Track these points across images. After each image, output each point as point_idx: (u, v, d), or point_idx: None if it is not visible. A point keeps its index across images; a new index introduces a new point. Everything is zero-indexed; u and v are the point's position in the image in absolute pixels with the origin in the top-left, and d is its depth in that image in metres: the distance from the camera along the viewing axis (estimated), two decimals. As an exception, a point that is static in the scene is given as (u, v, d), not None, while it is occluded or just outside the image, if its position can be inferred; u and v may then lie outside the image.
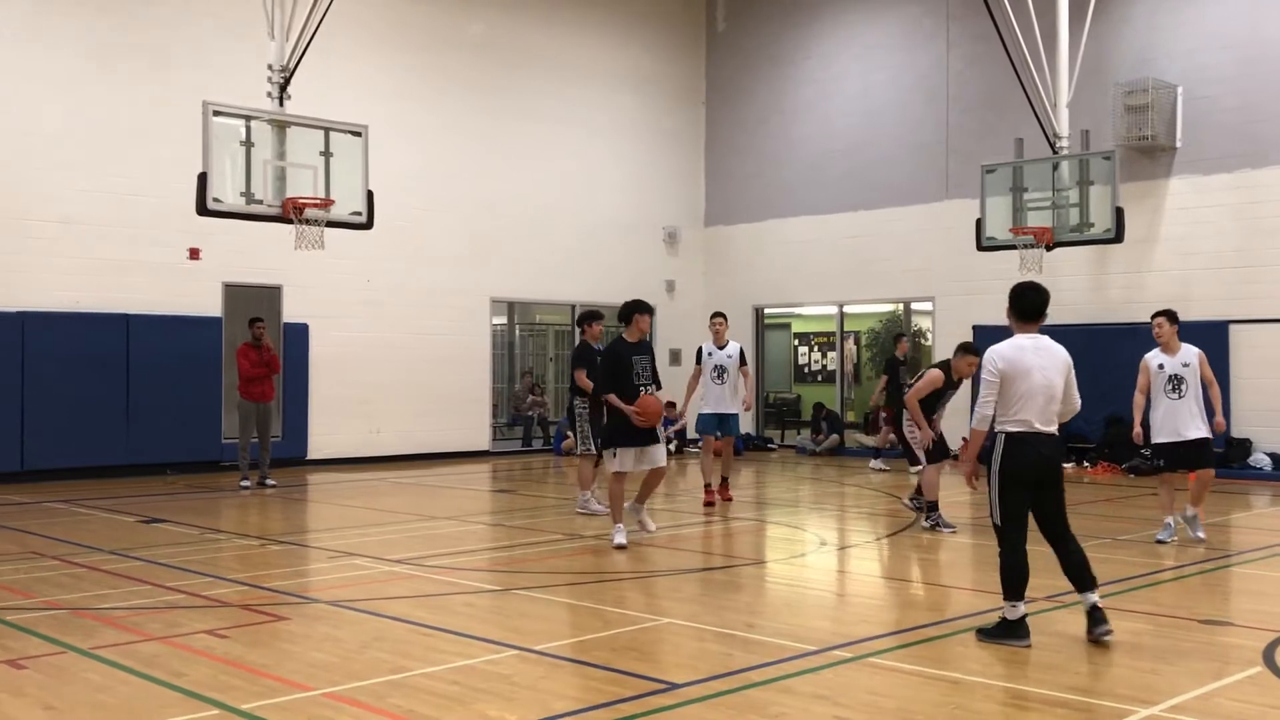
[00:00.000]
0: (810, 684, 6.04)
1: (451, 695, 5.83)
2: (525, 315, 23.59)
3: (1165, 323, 10.77)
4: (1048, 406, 6.85)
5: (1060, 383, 6.90)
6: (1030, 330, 7.02)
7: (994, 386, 6.86)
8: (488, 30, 20.99)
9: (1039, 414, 6.83)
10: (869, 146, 21.62)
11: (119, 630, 7.25)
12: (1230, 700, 5.74)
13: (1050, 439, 6.87)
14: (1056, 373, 6.90)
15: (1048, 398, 6.85)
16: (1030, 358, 6.87)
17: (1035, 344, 6.95)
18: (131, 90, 16.96)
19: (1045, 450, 6.83)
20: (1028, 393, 6.81)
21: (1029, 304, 7.01)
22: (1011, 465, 6.83)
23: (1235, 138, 17.33)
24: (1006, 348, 6.94)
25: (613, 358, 10.36)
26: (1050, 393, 6.86)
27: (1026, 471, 6.82)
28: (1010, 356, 6.88)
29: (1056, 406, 6.91)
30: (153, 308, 17.03)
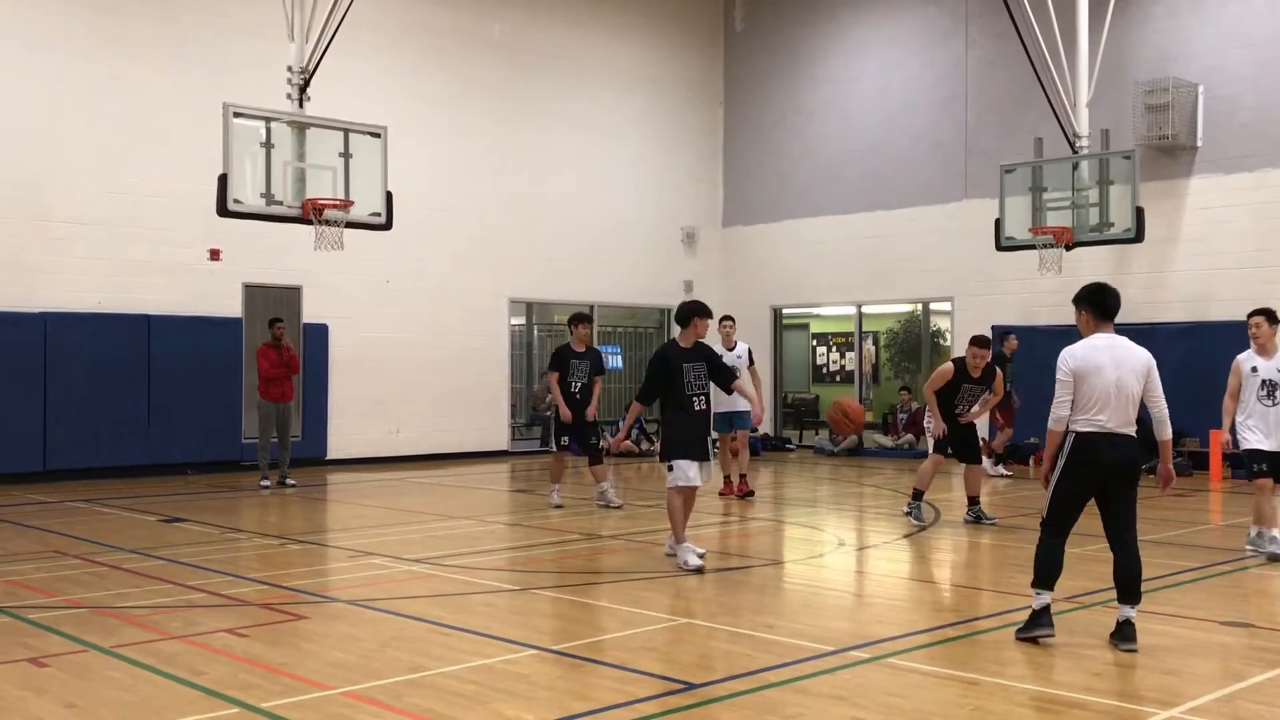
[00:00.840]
0: (828, 685, 6.04)
1: (469, 695, 5.84)
2: (543, 315, 23.60)
3: (1264, 322, 9.90)
4: (1122, 407, 6.71)
5: (1136, 384, 6.74)
6: (1106, 330, 6.90)
7: (1067, 386, 6.76)
8: (507, 31, 21.02)
9: (1111, 414, 6.70)
10: (887, 146, 21.58)
11: (140, 629, 7.29)
12: (1251, 703, 5.71)
13: (1122, 440, 6.71)
14: (1132, 373, 6.74)
15: (1122, 399, 6.70)
16: (1103, 356, 6.75)
17: (1110, 343, 6.83)
18: (152, 92, 17.05)
19: (1112, 453, 6.70)
20: (1099, 392, 6.69)
21: (1104, 304, 6.90)
22: (1074, 465, 6.77)
23: (1256, 137, 17.22)
24: (1080, 347, 6.86)
25: (661, 363, 9.57)
26: (1124, 393, 6.70)
27: (1089, 473, 6.75)
28: (1082, 355, 6.79)
29: (1132, 408, 6.76)
30: (173, 308, 17.12)
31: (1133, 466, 6.79)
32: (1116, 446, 6.70)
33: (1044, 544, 6.94)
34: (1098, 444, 6.70)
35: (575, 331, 13.40)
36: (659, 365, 9.53)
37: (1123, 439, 6.72)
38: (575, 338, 13.39)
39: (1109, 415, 6.70)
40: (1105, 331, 6.89)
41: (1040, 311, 19.30)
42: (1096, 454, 6.70)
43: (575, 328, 13.41)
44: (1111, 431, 6.70)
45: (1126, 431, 6.75)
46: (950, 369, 11.85)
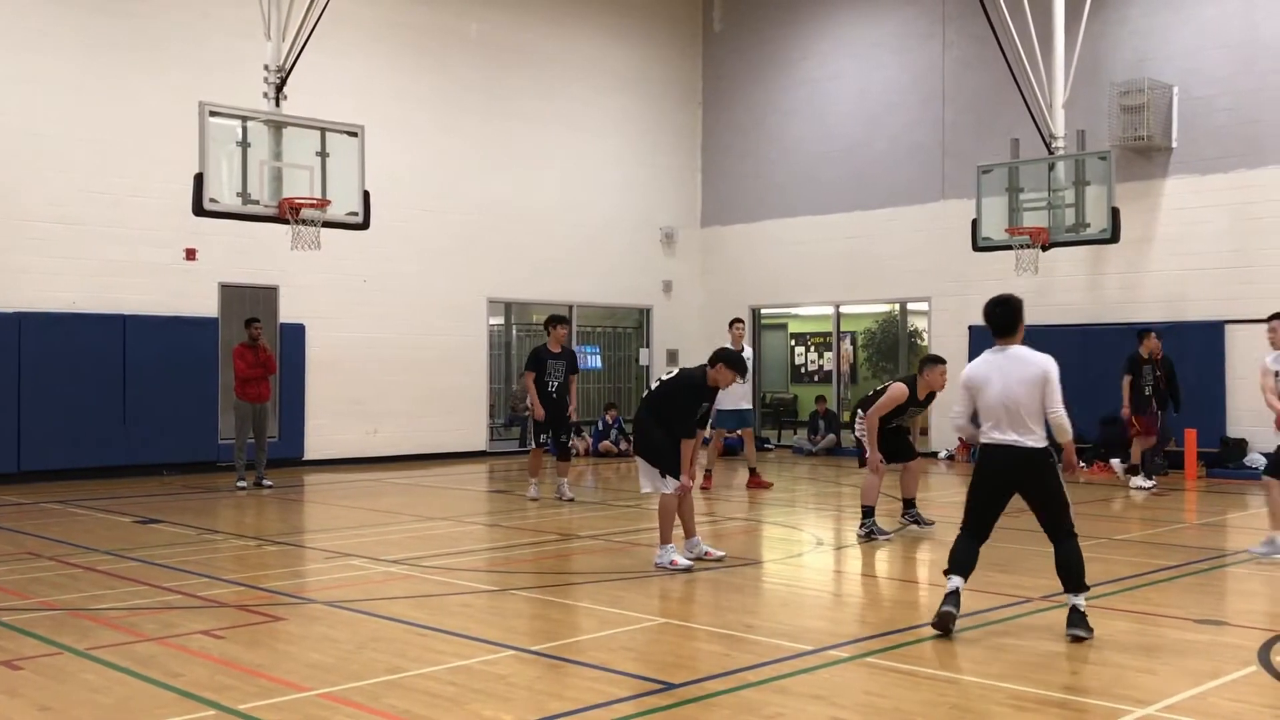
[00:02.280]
0: (807, 684, 6.05)
1: (448, 696, 5.83)
2: (522, 315, 23.57)
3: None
4: (1011, 418, 6.98)
5: (1026, 394, 6.95)
6: (1004, 344, 7.15)
7: (962, 397, 7.21)
8: (485, 30, 20.98)
9: (1001, 425, 7.01)
10: (865, 147, 21.64)
11: (115, 631, 7.24)
12: (1225, 700, 5.75)
13: (1014, 450, 6.99)
14: (1021, 384, 6.96)
15: (1011, 411, 6.96)
16: (991, 371, 7.06)
17: (1002, 357, 7.10)
18: (128, 91, 16.95)
19: (1003, 463, 7.05)
20: (988, 405, 7.05)
21: (997, 320, 7.20)
22: (977, 473, 7.25)
23: (1231, 138, 17.35)
24: (975, 362, 7.27)
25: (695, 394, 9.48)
26: (1013, 405, 6.96)
27: (988, 480, 7.18)
28: (971, 370, 7.21)
29: (1029, 418, 6.99)
30: (149, 308, 17.02)
31: (1029, 471, 7.04)
32: (1007, 456, 7.01)
33: (959, 540, 7.31)
34: (992, 454, 7.10)
35: (553, 333, 13.79)
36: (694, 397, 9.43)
37: (1014, 449, 6.99)
38: (552, 339, 13.79)
39: (999, 426, 7.02)
40: (1003, 346, 7.14)
41: (1017, 311, 19.37)
42: (991, 463, 7.12)
43: (553, 329, 13.81)
44: (1001, 442, 7.01)
45: (1020, 442, 6.99)
46: (904, 391, 10.99)
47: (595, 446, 20.86)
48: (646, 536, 11.47)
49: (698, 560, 9.50)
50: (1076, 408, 20.90)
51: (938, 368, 11.03)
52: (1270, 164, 16.99)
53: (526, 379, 13.88)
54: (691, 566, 9.30)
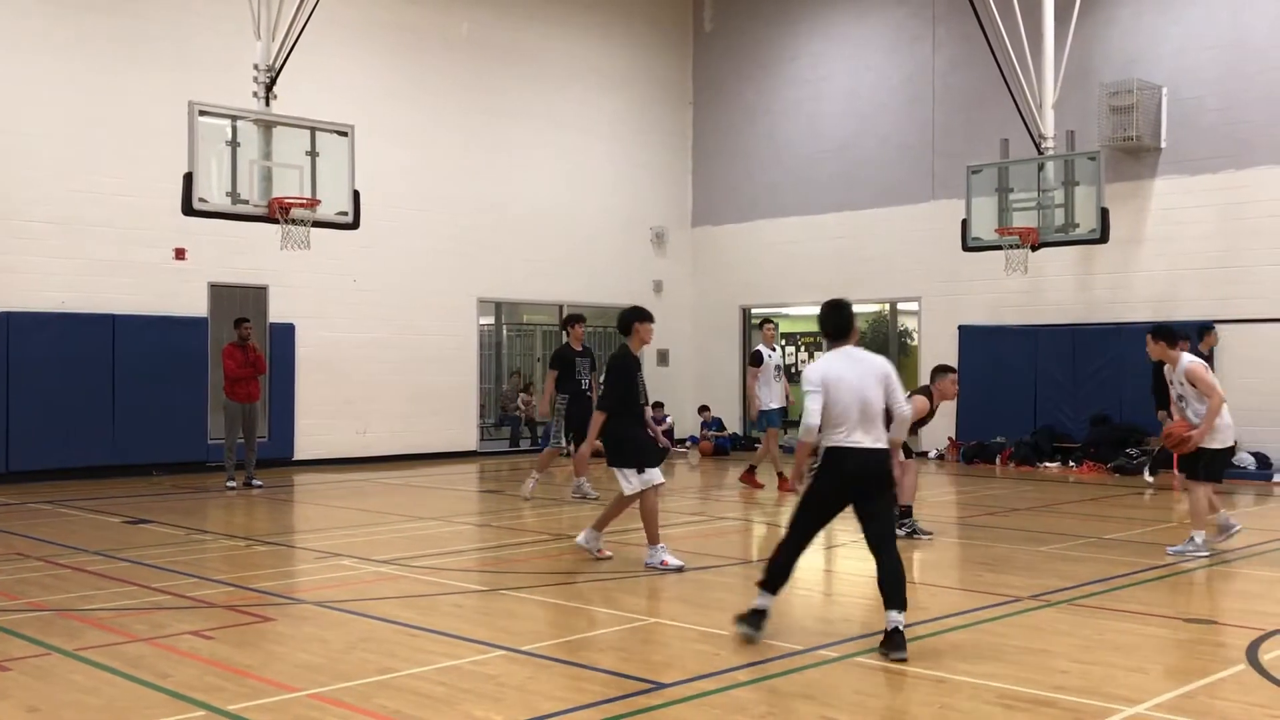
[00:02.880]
0: (797, 684, 6.05)
1: (438, 696, 5.82)
2: (512, 315, 23.56)
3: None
4: (867, 420, 6.80)
5: (874, 393, 6.84)
6: (841, 345, 7.02)
7: (816, 398, 6.80)
8: (475, 30, 20.96)
9: (854, 427, 6.78)
10: (856, 147, 21.67)
11: (104, 631, 7.22)
12: (1215, 699, 5.77)
13: (869, 453, 6.80)
14: (872, 383, 6.86)
15: (868, 411, 6.81)
16: (846, 369, 6.87)
17: (848, 358, 6.96)
18: (117, 90, 16.89)
19: (858, 467, 6.79)
20: (842, 405, 6.78)
21: (833, 324, 7.06)
22: (822, 477, 6.89)
23: (1220, 138, 17.41)
24: (823, 360, 7.01)
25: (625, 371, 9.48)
26: (869, 405, 6.81)
27: (836, 485, 6.85)
28: (824, 368, 6.90)
29: (880, 420, 6.87)
30: (138, 308, 16.97)
31: (878, 475, 6.85)
32: (863, 460, 6.78)
33: (780, 546, 7.05)
34: (847, 458, 6.78)
35: (572, 331, 13.92)
36: (624, 373, 9.45)
37: (870, 452, 6.80)
38: (573, 337, 13.90)
39: (855, 429, 6.78)
40: (841, 347, 7.01)
41: (1007, 312, 19.44)
42: (843, 467, 6.79)
43: (573, 328, 13.92)
44: (857, 446, 6.77)
45: (875, 444, 6.82)
46: (926, 403, 11.06)
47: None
48: (637, 537, 11.47)
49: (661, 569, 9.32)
50: (1066, 408, 21.04)
51: (949, 376, 11.15)
52: (1258, 164, 17.05)
53: (549, 378, 13.89)
54: (684, 566, 9.29)
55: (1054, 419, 18.72)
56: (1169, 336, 10.13)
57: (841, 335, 7.02)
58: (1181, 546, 10.02)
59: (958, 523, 12.15)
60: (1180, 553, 9.93)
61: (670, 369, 23.39)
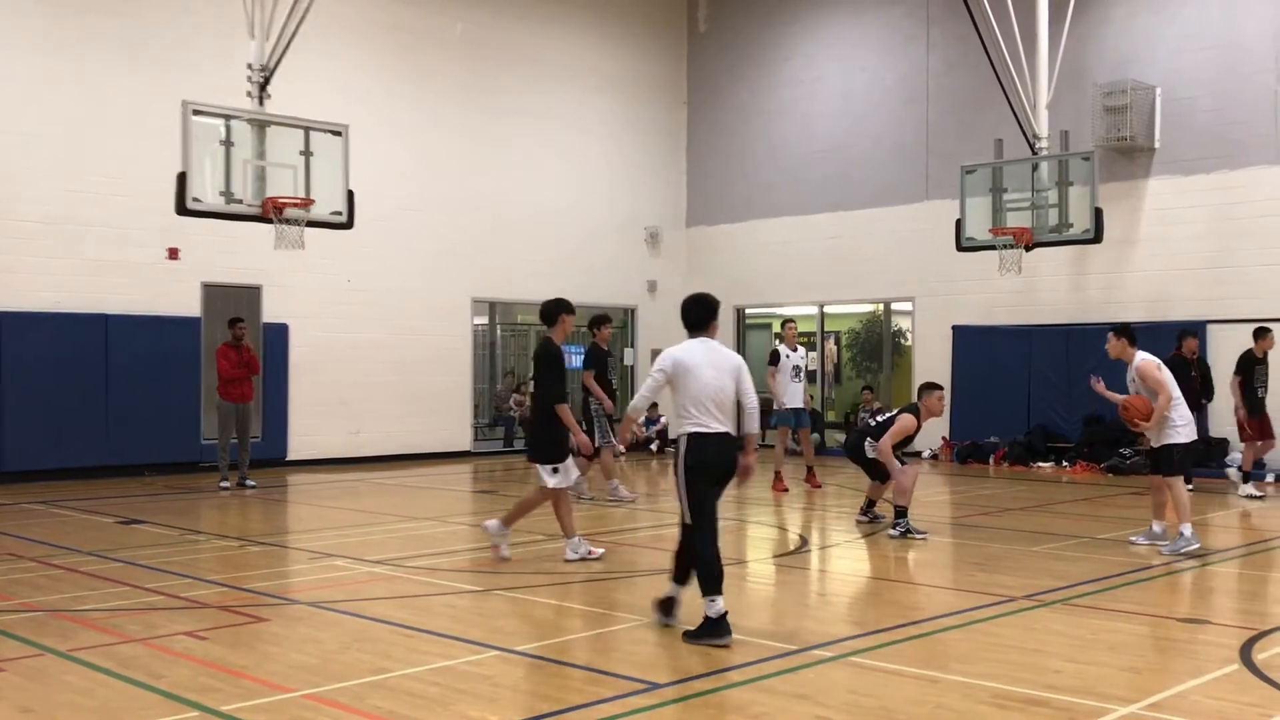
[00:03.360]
0: (791, 683, 6.06)
1: (432, 696, 5.82)
2: (507, 315, 23.55)
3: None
4: (722, 408, 7.16)
5: (730, 384, 7.20)
6: (699, 335, 7.37)
7: (658, 381, 7.26)
8: (469, 30, 20.94)
9: (712, 413, 7.12)
10: (850, 147, 21.68)
11: (97, 632, 7.21)
12: (1208, 698, 5.78)
13: (725, 438, 7.15)
14: (726, 374, 7.20)
15: (722, 400, 7.16)
16: (702, 358, 7.22)
17: (707, 348, 7.30)
18: (111, 89, 16.87)
19: (718, 454, 7.12)
20: (700, 392, 7.11)
21: (695, 315, 7.42)
22: (697, 462, 7.10)
23: (1213, 139, 17.44)
24: (679, 348, 7.33)
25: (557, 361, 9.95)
26: (724, 395, 7.17)
27: (710, 469, 7.13)
28: (679, 355, 7.25)
29: (728, 407, 7.18)
30: (132, 308, 16.94)
31: (733, 461, 7.21)
32: (722, 446, 7.15)
33: (701, 548, 7.08)
34: (705, 442, 7.09)
35: (600, 332, 14.17)
36: (556, 363, 9.86)
37: (728, 439, 7.18)
38: (600, 338, 14.17)
39: (710, 415, 7.13)
40: (700, 338, 7.37)
41: (1000, 312, 19.47)
42: (707, 454, 7.09)
43: (601, 329, 14.18)
44: (717, 431, 7.13)
45: (726, 430, 7.16)
46: (913, 422, 11.28)
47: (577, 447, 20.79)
48: (631, 537, 11.50)
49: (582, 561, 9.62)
50: (1060, 408, 21.05)
51: (935, 393, 11.39)
52: (1252, 164, 17.08)
53: (586, 377, 13.98)
54: (604, 553, 9.66)
55: (1047, 419, 18.74)
56: (1129, 335, 10.60)
57: (701, 326, 7.42)
58: (1174, 545, 10.05)
59: (951, 522, 12.16)
60: (1175, 550, 9.95)
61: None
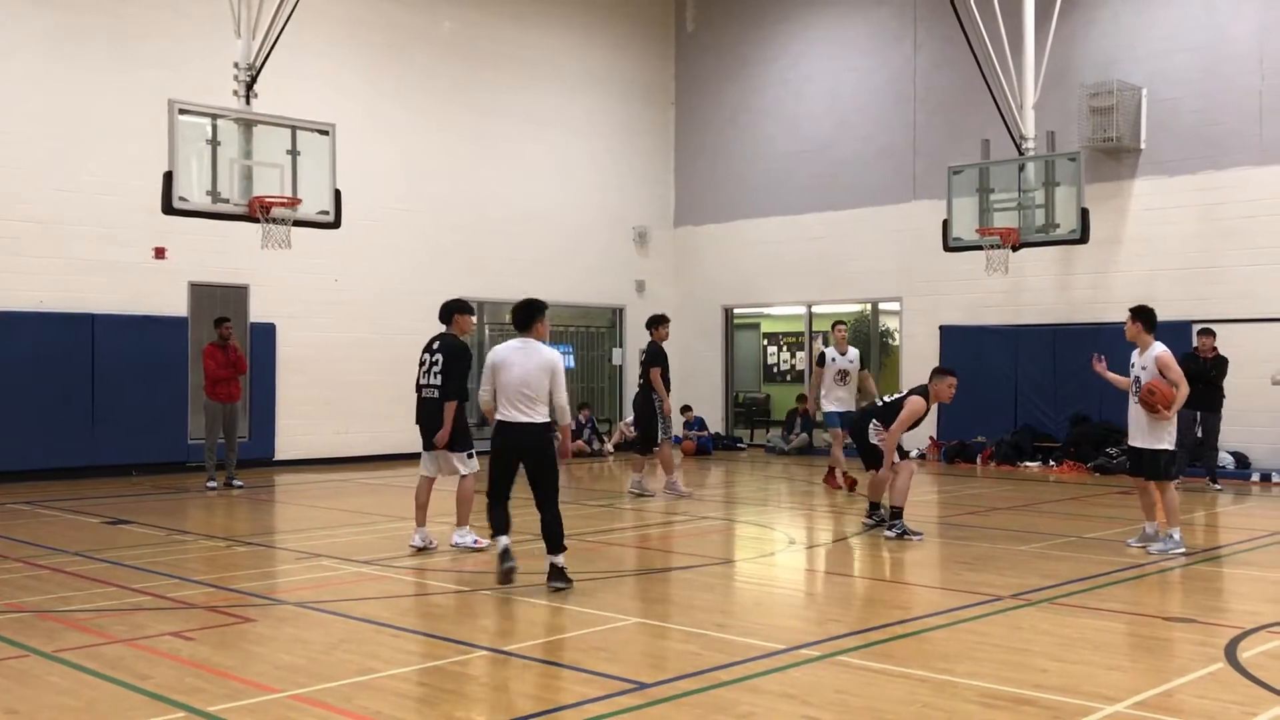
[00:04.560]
0: (778, 683, 6.06)
1: (419, 696, 5.81)
2: (494, 315, 23.50)
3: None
4: (524, 400, 8.23)
5: (536, 379, 8.25)
6: (524, 336, 8.46)
7: (487, 376, 8.40)
8: (457, 29, 20.92)
9: (516, 404, 8.23)
10: (837, 147, 21.71)
11: (83, 633, 7.18)
12: (1193, 696, 5.80)
13: (524, 427, 8.23)
14: (538, 370, 8.26)
15: (526, 392, 8.23)
16: (513, 356, 8.34)
17: (524, 347, 8.41)
18: (97, 89, 16.80)
19: (514, 438, 8.26)
20: (507, 385, 8.25)
21: (518, 317, 8.57)
22: (495, 447, 8.39)
23: (1198, 139, 17.50)
24: (498, 348, 8.53)
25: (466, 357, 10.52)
26: (529, 387, 8.23)
27: (502, 452, 8.33)
28: (497, 353, 8.45)
29: (535, 400, 8.24)
30: (118, 308, 16.88)
31: (536, 448, 8.25)
32: (518, 432, 8.25)
33: (489, 508, 8.47)
34: (505, 430, 8.29)
35: (658, 331, 14.47)
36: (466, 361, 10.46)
37: (524, 426, 8.24)
38: (658, 335, 14.43)
39: (512, 406, 8.23)
40: (524, 339, 8.47)
41: (988, 311, 19.51)
42: (504, 438, 8.31)
43: (659, 328, 14.48)
44: (515, 420, 8.24)
45: (529, 419, 8.23)
46: (922, 404, 11.14)
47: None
48: (619, 536, 11.50)
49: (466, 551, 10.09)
50: (1047, 407, 21.10)
51: (947, 379, 11.22)
52: (1236, 165, 17.16)
53: (654, 375, 14.11)
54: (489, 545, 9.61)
55: (1034, 419, 18.79)
56: (1145, 319, 10.76)
57: (523, 327, 8.51)
58: (1162, 544, 10.10)
59: (939, 522, 12.19)
60: (1162, 551, 10.01)
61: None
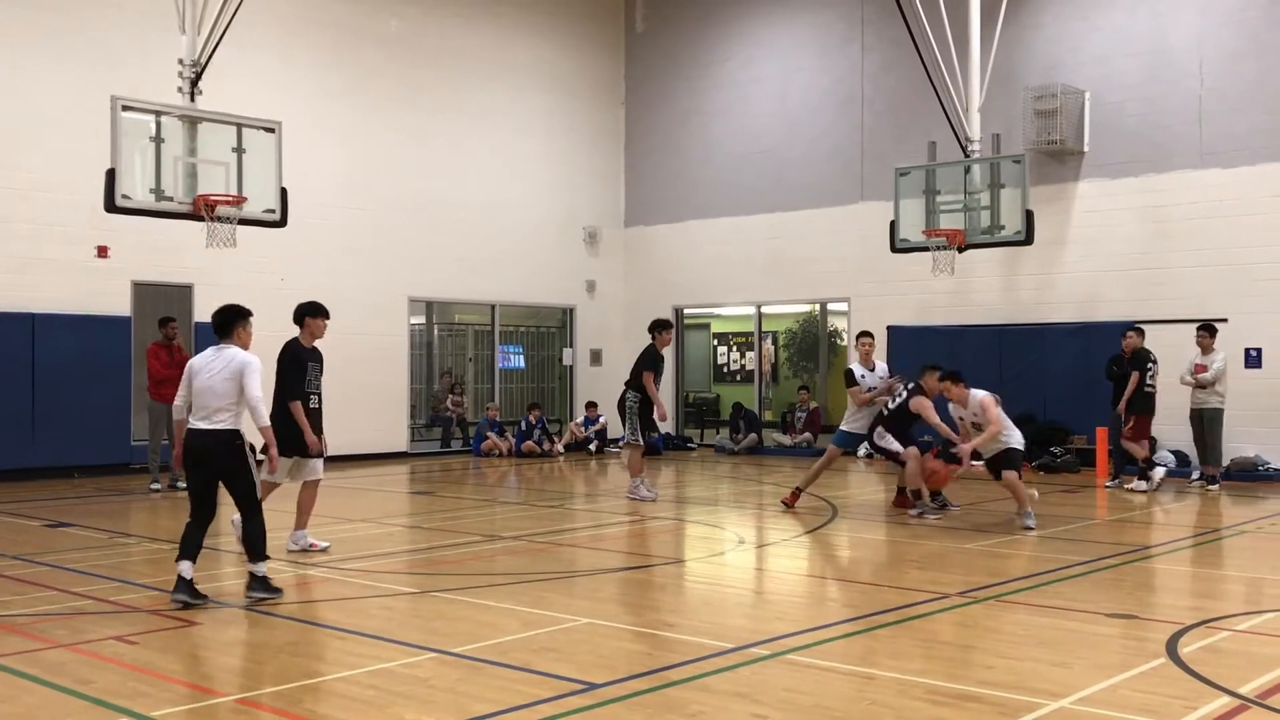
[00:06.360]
0: (728, 682, 6.08)
1: (368, 699, 5.77)
2: (444, 315, 23.41)
3: None
4: (211, 405, 8.02)
5: (222, 383, 8.04)
6: (222, 342, 8.28)
7: (183, 385, 8.18)
8: (404, 26, 20.80)
9: (204, 412, 8.04)
10: (786, 148, 21.82)
11: (23, 638, 7.06)
12: (1135, 692, 5.89)
13: (207, 434, 8.00)
14: (222, 377, 8.05)
15: (207, 399, 8.03)
16: (204, 363, 8.18)
17: (216, 353, 8.20)
18: (38, 83, 16.53)
19: (199, 443, 8.02)
20: (198, 392, 8.07)
21: (214, 323, 8.39)
22: (187, 460, 8.15)
23: (1140, 142, 17.78)
24: (198, 355, 8.32)
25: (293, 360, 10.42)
26: (213, 394, 8.03)
27: (189, 458, 8.10)
28: (193, 362, 8.25)
29: (221, 407, 8.02)
30: (60, 307, 16.61)
31: (221, 452, 8.01)
32: (203, 438, 8.01)
33: (188, 525, 8.14)
34: (190, 437, 8.07)
35: (662, 337, 14.02)
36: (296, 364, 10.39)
37: (205, 433, 8.01)
38: (660, 342, 14.02)
39: (198, 413, 8.06)
40: (221, 345, 8.28)
41: (935, 312, 19.69)
42: (195, 449, 8.05)
43: (662, 334, 14.03)
44: (202, 428, 8.02)
45: (211, 427, 8.01)
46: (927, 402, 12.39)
47: (518, 447, 20.78)
48: (569, 537, 11.49)
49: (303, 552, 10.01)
50: (992, 407, 20.79)
51: (931, 374, 12.41)
52: (1177, 168, 17.44)
53: (647, 379, 13.81)
54: (329, 546, 9.90)
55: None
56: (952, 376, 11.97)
57: (221, 334, 8.31)
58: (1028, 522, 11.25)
59: (886, 520, 12.28)
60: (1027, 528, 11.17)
61: (603, 369, 23.38)
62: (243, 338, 8.39)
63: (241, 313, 8.46)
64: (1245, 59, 17.06)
